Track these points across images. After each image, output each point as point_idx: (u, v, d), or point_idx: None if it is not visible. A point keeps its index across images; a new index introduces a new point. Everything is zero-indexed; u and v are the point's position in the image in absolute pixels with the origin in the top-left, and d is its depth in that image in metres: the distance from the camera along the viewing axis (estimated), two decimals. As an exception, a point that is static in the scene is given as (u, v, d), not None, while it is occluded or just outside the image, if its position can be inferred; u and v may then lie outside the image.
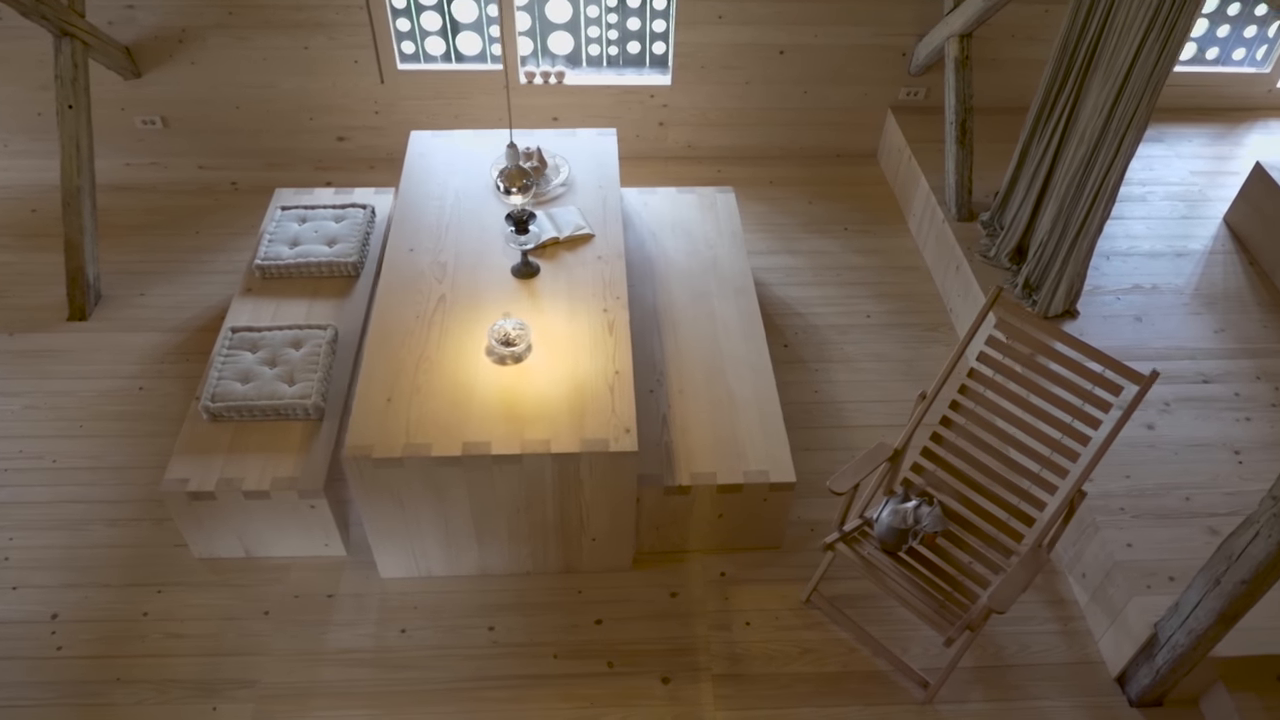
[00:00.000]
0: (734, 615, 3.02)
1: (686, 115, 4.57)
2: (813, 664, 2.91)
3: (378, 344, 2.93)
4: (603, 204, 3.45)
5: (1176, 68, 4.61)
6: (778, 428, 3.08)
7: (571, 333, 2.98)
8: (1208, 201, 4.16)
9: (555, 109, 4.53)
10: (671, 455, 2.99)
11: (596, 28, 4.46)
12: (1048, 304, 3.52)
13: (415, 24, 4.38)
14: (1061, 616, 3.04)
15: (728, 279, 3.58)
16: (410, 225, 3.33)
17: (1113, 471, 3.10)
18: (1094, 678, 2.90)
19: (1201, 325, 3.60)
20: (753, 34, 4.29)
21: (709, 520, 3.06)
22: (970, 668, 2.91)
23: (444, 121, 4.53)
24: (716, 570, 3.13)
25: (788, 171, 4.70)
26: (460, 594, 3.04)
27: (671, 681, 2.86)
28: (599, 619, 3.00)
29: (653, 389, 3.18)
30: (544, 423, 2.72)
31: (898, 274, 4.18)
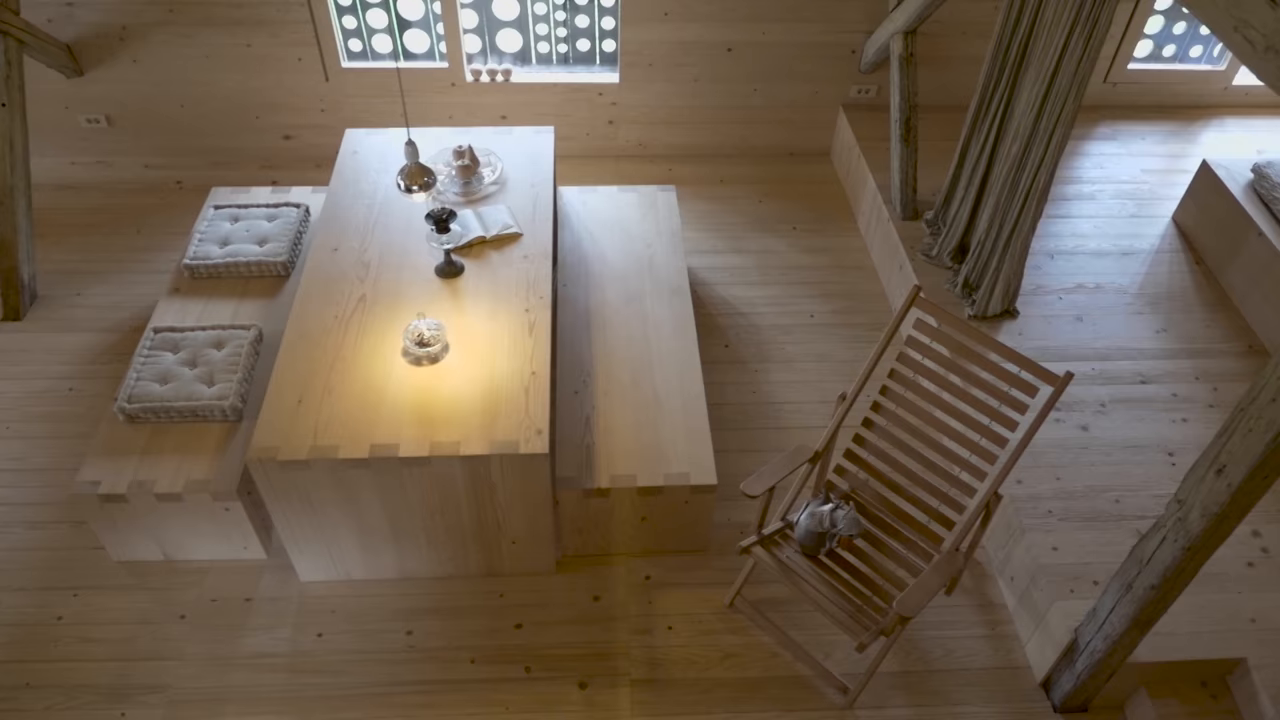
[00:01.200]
0: (657, 619, 2.98)
1: (636, 113, 4.53)
2: (733, 669, 2.87)
3: (293, 345, 2.89)
4: (534, 203, 3.41)
5: (1133, 65, 4.56)
6: (702, 429, 3.04)
7: (491, 333, 2.94)
8: (1158, 200, 4.11)
9: (503, 107, 4.49)
10: (592, 457, 2.95)
11: (545, 25, 4.42)
12: (985, 304, 3.48)
13: (361, 21, 4.34)
14: (989, 621, 3.00)
15: (663, 279, 3.53)
16: (337, 224, 3.29)
17: (1043, 473, 3.05)
18: (1019, 683, 2.86)
19: (1143, 325, 3.55)
20: (700, 31, 4.25)
21: (632, 523, 3.01)
22: (893, 673, 2.86)
23: (391, 119, 4.49)
24: (642, 574, 3.09)
25: (739, 170, 4.65)
26: (380, 597, 3.01)
27: (589, 687, 2.82)
28: (519, 623, 2.96)
29: (578, 390, 3.14)
30: (455, 424, 2.68)
31: (844, 273, 4.14)
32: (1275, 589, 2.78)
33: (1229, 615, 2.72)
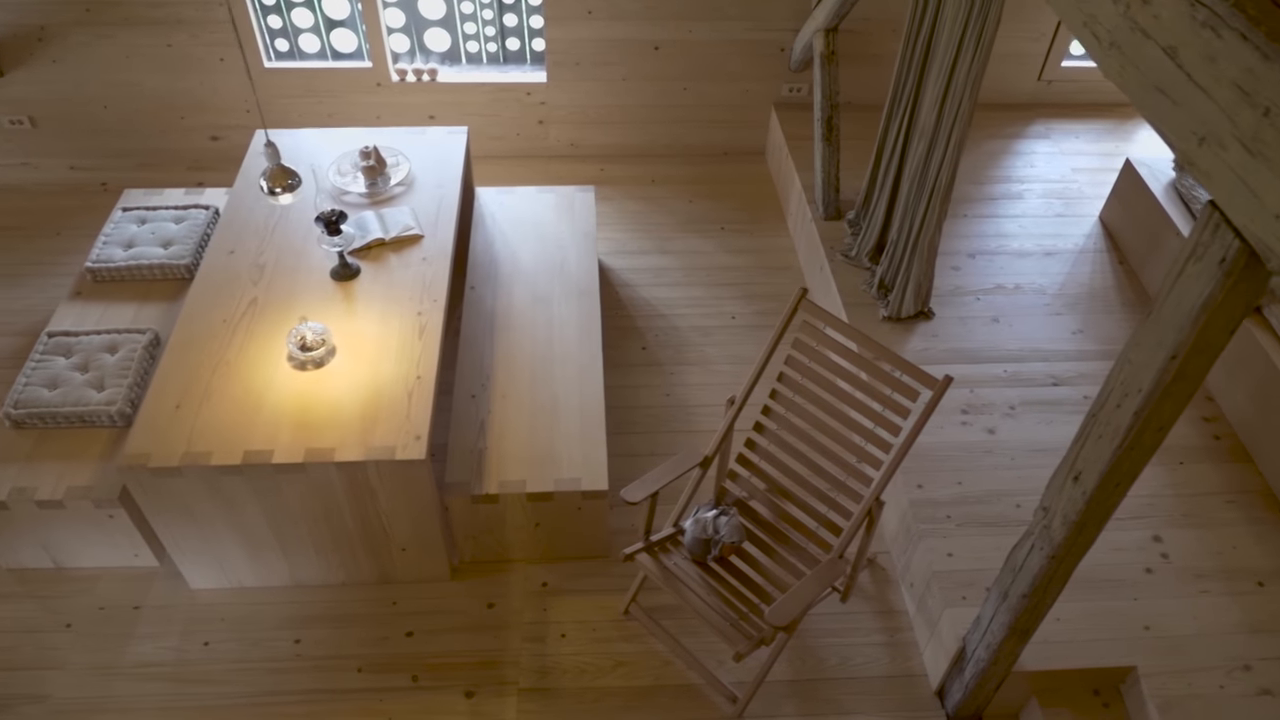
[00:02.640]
0: (550, 627, 2.94)
1: (566, 113, 4.48)
2: (624, 677, 2.82)
3: (179, 349, 2.85)
4: (439, 204, 3.36)
5: (1067, 63, 4.51)
6: (598, 435, 2.99)
7: (380, 337, 2.89)
8: (1086, 199, 4.06)
9: (431, 107, 4.45)
10: (483, 463, 2.90)
11: (473, 24, 4.38)
12: (899, 305, 3.43)
13: (286, 21, 4.30)
14: (889, 628, 2.95)
15: (573, 281, 3.49)
16: (237, 227, 3.25)
17: (945, 478, 3.01)
18: (915, 692, 2.81)
19: (1060, 326, 3.51)
20: (625, 29, 4.20)
21: (526, 529, 2.97)
22: (786, 681, 2.82)
23: (317, 119, 4.45)
24: (539, 580, 3.05)
25: (672, 170, 4.61)
26: (270, 605, 2.96)
27: (475, 696, 2.78)
28: (410, 631, 2.91)
29: (475, 394, 3.10)
30: (333, 430, 2.64)
31: (769, 274, 4.09)
32: (1171, 596, 2.73)
33: (1123, 623, 2.68)
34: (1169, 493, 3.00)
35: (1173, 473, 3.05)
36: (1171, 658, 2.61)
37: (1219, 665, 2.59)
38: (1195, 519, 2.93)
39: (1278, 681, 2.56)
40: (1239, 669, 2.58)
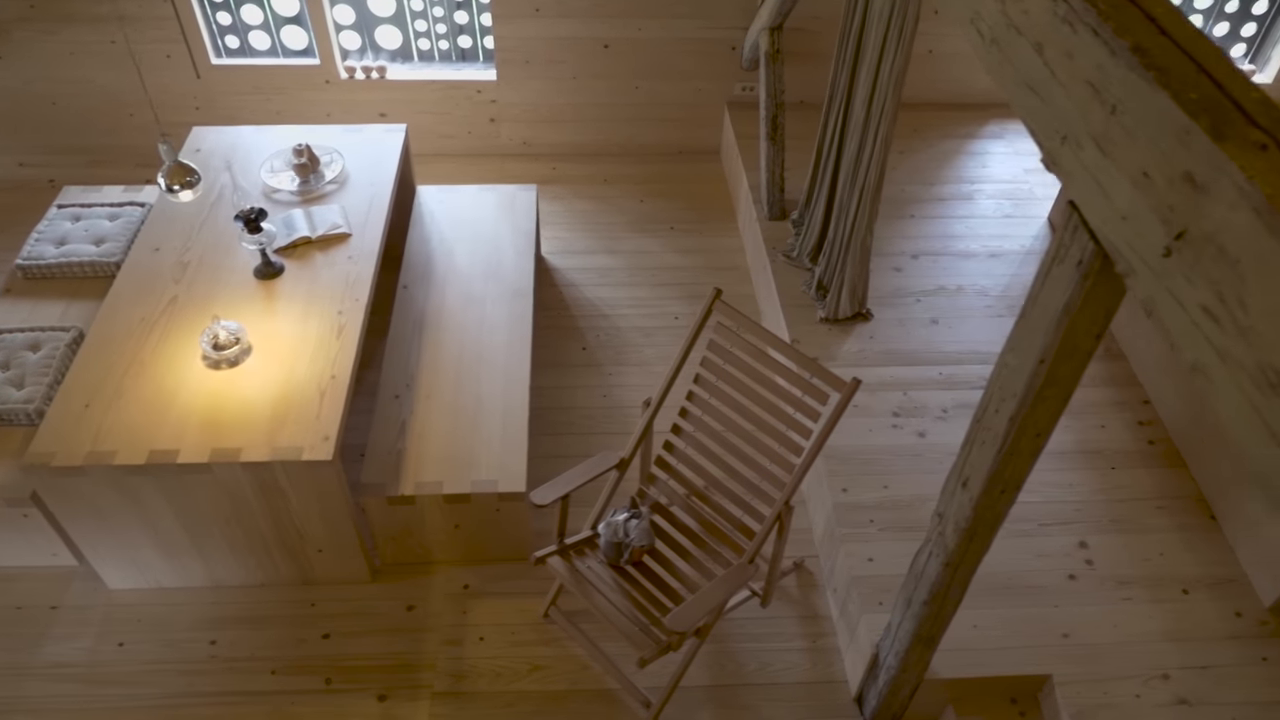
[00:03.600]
0: (469, 630, 2.91)
1: (517, 111, 4.45)
2: (540, 682, 2.79)
3: (95, 347, 2.82)
4: (370, 203, 3.33)
5: (1024, 62, 4.46)
6: (519, 436, 2.96)
7: (298, 336, 2.87)
8: (1035, 200, 4.02)
9: (382, 105, 4.42)
10: (401, 464, 2.87)
11: (424, 21, 4.35)
12: (835, 307, 3.39)
13: (236, 18, 4.27)
14: (812, 633, 2.92)
15: (507, 281, 3.46)
16: (164, 225, 3.23)
17: (871, 481, 2.97)
18: (834, 698, 2.78)
19: (1000, 328, 3.46)
20: (573, 28, 4.17)
21: (446, 531, 2.94)
22: (704, 686, 2.79)
23: (265, 117, 4.42)
24: (460, 583, 3.02)
25: (625, 169, 4.57)
26: (188, 606, 2.94)
27: (388, 699, 2.75)
28: (327, 633, 2.89)
29: (399, 395, 3.07)
30: (242, 430, 2.61)
31: (716, 274, 4.06)
32: (1092, 603, 2.69)
33: (1041, 630, 2.64)
34: (1099, 498, 2.96)
35: (1104, 477, 3.01)
36: (1089, 666, 2.57)
37: (1137, 674, 2.55)
38: (1124, 525, 2.89)
39: (1195, 691, 2.52)
40: (1157, 678, 2.54)
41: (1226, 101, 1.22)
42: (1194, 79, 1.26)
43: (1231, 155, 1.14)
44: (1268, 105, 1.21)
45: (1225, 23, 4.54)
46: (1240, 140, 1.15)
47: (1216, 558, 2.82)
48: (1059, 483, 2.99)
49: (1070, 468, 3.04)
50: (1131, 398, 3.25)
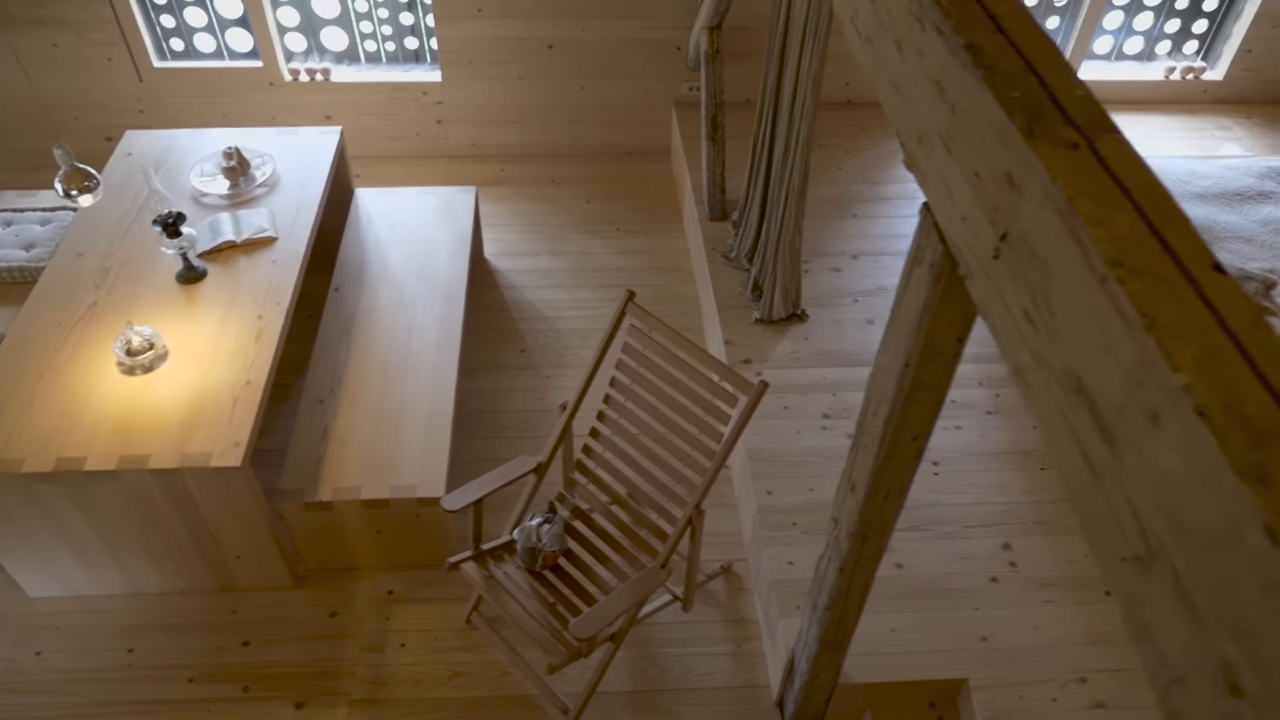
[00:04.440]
0: (391, 636, 2.88)
1: (464, 113, 4.43)
2: (459, 688, 2.77)
3: (9, 353, 2.80)
4: (298, 206, 3.31)
5: (973, 60, 4.43)
6: (441, 441, 2.93)
7: (216, 341, 2.84)
8: (980, 199, 3.99)
9: (327, 107, 4.39)
10: (320, 469, 2.85)
11: (369, 23, 4.33)
12: (769, 308, 3.37)
13: (179, 20, 4.25)
14: (737, 637, 2.89)
15: (440, 284, 3.43)
16: (89, 229, 3.20)
17: (798, 484, 2.95)
18: (756, 703, 2.75)
19: (937, 329, 3.43)
20: (517, 28, 4.14)
21: (368, 537, 2.92)
22: (625, 692, 2.76)
23: (211, 119, 4.40)
24: (385, 589, 3.00)
25: (573, 170, 4.55)
26: (108, 614, 2.91)
27: (305, 707, 2.72)
28: (247, 640, 2.86)
29: (323, 399, 3.04)
30: (152, 437, 2.59)
31: (660, 275, 4.03)
32: (1012, 606, 2.67)
33: (960, 634, 2.61)
34: (1026, 499, 2.93)
35: (1032, 478, 2.99)
36: (1006, 669, 2.54)
37: (1054, 677, 2.53)
38: (1049, 526, 2.87)
39: (1112, 694, 2.50)
40: (1074, 681, 2.52)
41: (1047, 100, 1.19)
42: (1020, 77, 1.23)
43: (1040, 154, 1.11)
44: (1088, 104, 1.19)
45: (1176, 19, 4.52)
46: (1051, 139, 1.13)
47: (1142, 559, 2.79)
48: (987, 484, 2.97)
49: (1000, 469, 3.01)
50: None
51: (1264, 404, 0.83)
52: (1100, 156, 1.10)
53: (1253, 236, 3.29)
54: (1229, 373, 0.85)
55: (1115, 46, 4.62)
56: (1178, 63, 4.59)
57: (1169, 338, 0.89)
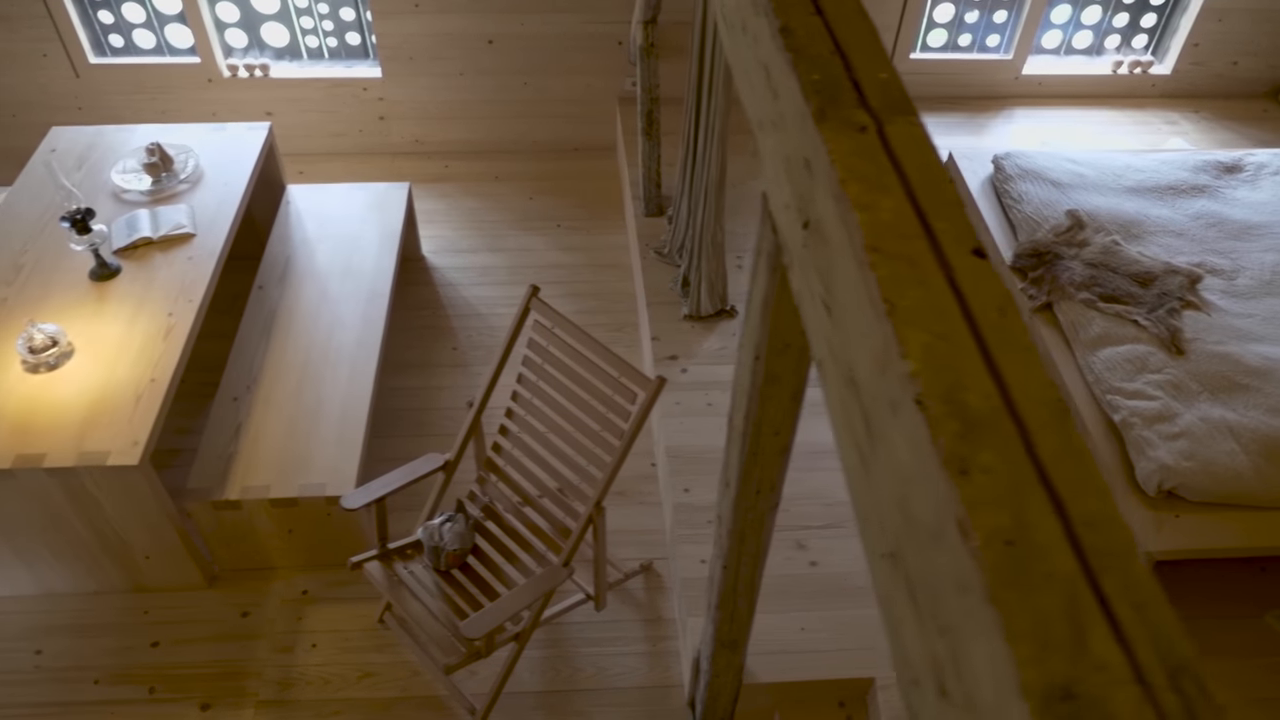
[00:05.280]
0: (302, 636, 2.85)
1: (406, 109, 4.39)
2: (369, 689, 2.73)
3: (-86, 351, 2.76)
4: (219, 202, 3.27)
5: (918, 54, 4.41)
6: (355, 439, 2.90)
7: (124, 338, 2.80)
8: (920, 194, 3.96)
9: (268, 103, 4.36)
10: (230, 468, 2.81)
11: (310, 18, 4.29)
12: (697, 304, 3.34)
13: (117, 15, 4.21)
14: (654, 636, 2.86)
15: (366, 281, 3.40)
16: (7, 226, 3.17)
17: (715, 481, 2.91)
18: (668, 702, 2.72)
19: (868, 325, 3.40)
20: (455, 23, 4.11)
21: (280, 536, 2.88)
22: (536, 692, 2.73)
23: (150, 116, 4.36)
24: (299, 589, 2.96)
25: (517, 166, 4.51)
26: (17, 615, 2.88)
27: (211, 708, 2.69)
28: (156, 641, 2.83)
29: (238, 397, 3.01)
30: (51, 435, 2.55)
31: (598, 272, 4.00)
32: (925, 603, 2.64)
33: (871, 632, 2.58)
34: (946, 496, 2.90)
35: (954, 476, 2.95)
36: (914, 669, 2.51)
37: (963, 676, 2.49)
38: (969, 524, 2.83)
39: (1021, 693, 2.46)
40: (983, 680, 2.48)
41: (848, 83, 1.16)
42: (826, 60, 1.20)
43: (826, 137, 1.08)
44: (888, 88, 1.16)
45: (1125, 14, 4.49)
46: (841, 122, 1.09)
47: (1060, 556, 2.76)
48: (908, 481, 2.93)
49: (921, 466, 2.98)
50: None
51: (985, 392, 0.80)
52: (886, 140, 1.07)
53: (1183, 230, 3.25)
54: (958, 360, 0.82)
55: (1064, 40, 4.59)
56: (1126, 57, 4.56)
57: (906, 324, 0.85)
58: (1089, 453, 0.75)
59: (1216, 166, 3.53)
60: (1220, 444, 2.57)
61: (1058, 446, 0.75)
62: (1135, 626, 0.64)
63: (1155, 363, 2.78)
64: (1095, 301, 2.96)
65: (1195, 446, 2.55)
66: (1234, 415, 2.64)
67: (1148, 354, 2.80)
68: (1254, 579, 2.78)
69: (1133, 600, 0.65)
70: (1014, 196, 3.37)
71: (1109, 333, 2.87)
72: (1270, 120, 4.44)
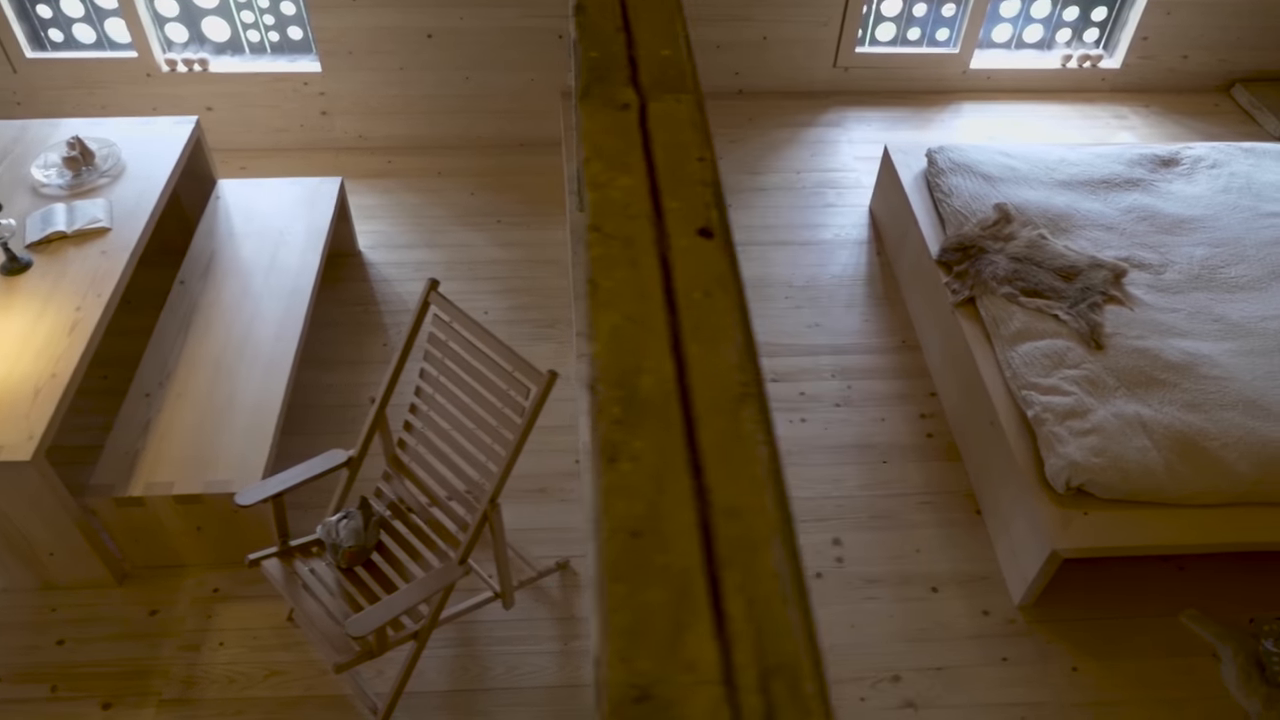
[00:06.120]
0: (211, 634, 2.81)
1: (347, 104, 4.36)
2: (275, 688, 2.70)
3: None
4: (139, 196, 3.24)
5: (862, 48, 4.37)
6: (266, 436, 2.87)
7: (28, 333, 2.77)
8: (860, 189, 3.93)
9: (208, 98, 4.33)
10: (136, 464, 2.78)
11: (250, 12, 4.26)
12: (622, 299, 3.30)
13: (55, 9, 4.18)
14: (567, 635, 2.82)
15: (288, 276, 3.36)
16: (-79, 220, 3.14)
17: (629, 478, 2.87)
18: (575, 701, 2.69)
19: (798, 319, 3.37)
20: (394, 17, 4.07)
21: (189, 533, 2.85)
22: (441, 691, 2.69)
23: (90, 111, 4.33)
24: (210, 586, 2.93)
25: (461, 162, 4.48)
26: (-77, 613, 2.85)
27: (113, 707, 2.66)
28: (62, 639, 2.79)
29: (150, 393, 2.98)
30: (-56, 431, 2.52)
31: (535, 268, 3.96)
32: (834, 603, 2.60)
33: (776, 630, 2.54)
34: (863, 493, 2.86)
35: (873, 472, 2.92)
36: (817, 668, 2.47)
37: (867, 676, 2.46)
38: (884, 521, 2.80)
39: (925, 693, 2.43)
40: (887, 680, 2.45)
41: (625, 60, 1.12)
42: (610, 36, 1.17)
43: (584, 115, 1.04)
44: (667, 65, 1.12)
45: (1075, 7, 4.45)
46: (603, 100, 1.06)
47: (975, 554, 2.73)
48: (826, 478, 2.90)
49: (841, 462, 2.94)
50: (918, 390, 3.16)
51: (662, 377, 0.76)
52: (645, 118, 1.03)
53: (1113, 224, 3.21)
54: (643, 343, 0.78)
55: (1015, 35, 4.55)
56: (1076, 51, 4.51)
57: (601, 305, 0.82)
58: (756, 440, 0.71)
59: (1153, 160, 3.49)
60: (1132, 440, 2.53)
61: (721, 434, 0.72)
62: (742, 623, 0.60)
63: (1073, 358, 2.74)
64: (1017, 296, 2.92)
65: (1106, 443, 2.51)
66: (1149, 411, 2.61)
67: (1066, 349, 2.76)
68: (1172, 578, 2.73)
69: (748, 596, 0.62)
70: (944, 190, 3.33)
71: (1029, 328, 2.83)
72: (1222, 115, 4.39)
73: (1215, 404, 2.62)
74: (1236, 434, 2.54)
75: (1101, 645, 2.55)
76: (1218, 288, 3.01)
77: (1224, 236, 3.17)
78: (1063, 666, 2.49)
